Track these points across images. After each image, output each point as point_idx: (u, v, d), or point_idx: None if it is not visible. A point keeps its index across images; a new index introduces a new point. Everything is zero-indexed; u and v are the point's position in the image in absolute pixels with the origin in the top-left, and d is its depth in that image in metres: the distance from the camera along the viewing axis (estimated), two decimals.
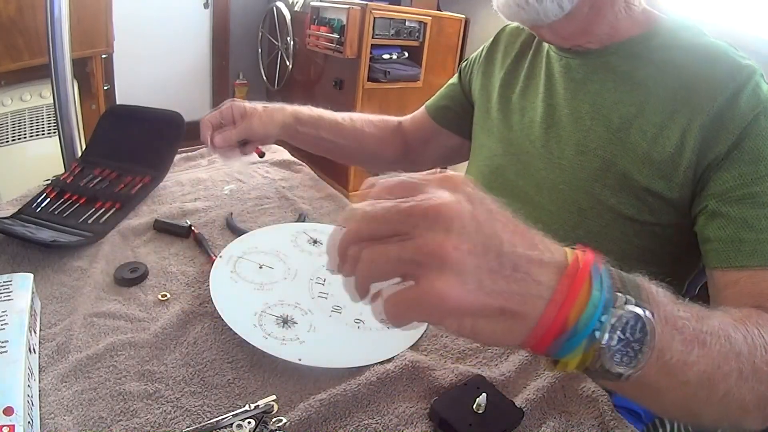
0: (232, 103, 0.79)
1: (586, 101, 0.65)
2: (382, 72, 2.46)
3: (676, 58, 0.60)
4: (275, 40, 2.93)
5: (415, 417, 0.44)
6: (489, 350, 0.54)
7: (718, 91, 0.55)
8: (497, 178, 0.74)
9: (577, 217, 0.63)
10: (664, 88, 0.59)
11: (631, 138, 0.60)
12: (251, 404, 0.43)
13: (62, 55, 0.90)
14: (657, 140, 0.58)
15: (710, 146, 0.55)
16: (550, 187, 0.66)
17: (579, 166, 0.64)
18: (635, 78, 0.62)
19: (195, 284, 0.59)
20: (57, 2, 0.86)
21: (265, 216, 0.76)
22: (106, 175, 0.79)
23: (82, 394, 0.43)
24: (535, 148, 0.69)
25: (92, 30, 1.83)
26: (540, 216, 0.66)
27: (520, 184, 0.70)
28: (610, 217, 0.62)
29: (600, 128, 0.63)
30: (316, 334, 0.51)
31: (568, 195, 0.64)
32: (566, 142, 0.66)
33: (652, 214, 0.60)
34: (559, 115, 0.67)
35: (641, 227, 0.61)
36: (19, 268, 0.58)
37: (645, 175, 0.59)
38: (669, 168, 0.58)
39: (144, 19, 2.61)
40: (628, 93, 0.62)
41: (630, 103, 0.61)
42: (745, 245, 0.52)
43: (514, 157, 0.72)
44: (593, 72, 0.65)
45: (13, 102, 1.63)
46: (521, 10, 0.60)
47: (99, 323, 0.51)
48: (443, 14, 2.63)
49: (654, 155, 0.58)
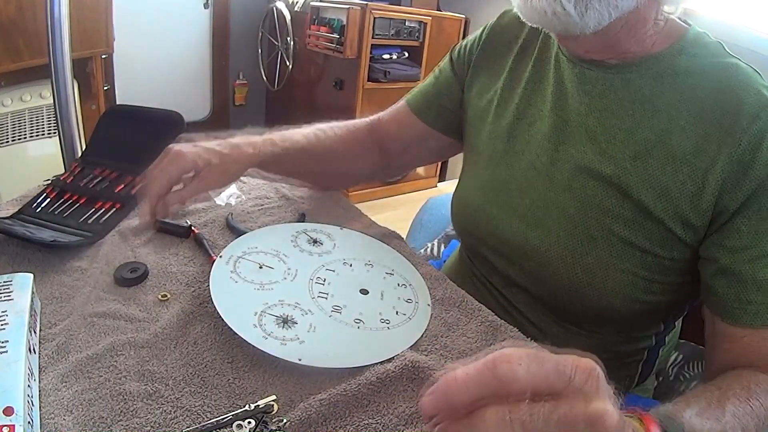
0: (178, 160, 0.62)
1: (603, 121, 0.59)
2: (382, 72, 2.47)
3: (700, 85, 0.56)
4: (275, 40, 2.93)
5: (415, 417, 0.44)
6: (489, 350, 0.54)
7: (742, 132, 0.52)
8: (499, 192, 0.68)
9: (587, 246, 0.59)
10: (686, 118, 0.55)
11: (650, 168, 0.56)
12: (251, 404, 0.43)
13: (62, 55, 0.90)
14: (677, 175, 0.55)
15: (729, 191, 0.53)
16: (558, 211, 0.62)
17: (592, 193, 0.59)
18: (657, 104, 0.57)
19: (195, 284, 0.59)
20: (57, 2, 0.86)
21: (265, 216, 0.76)
22: (106, 175, 0.79)
23: (82, 394, 0.43)
24: (542, 165, 0.64)
25: (92, 30, 1.83)
26: (547, 239, 0.62)
27: (526, 202, 0.65)
28: (620, 247, 0.58)
29: (617, 153, 0.58)
30: (316, 334, 0.51)
31: (578, 221, 0.60)
32: (578, 164, 0.61)
33: (664, 248, 0.57)
34: (570, 131, 0.62)
35: (652, 260, 0.58)
36: (19, 268, 0.58)
37: (661, 210, 0.56)
38: (688, 207, 0.54)
39: (144, 19, 2.61)
40: (649, 119, 0.57)
41: (650, 130, 0.57)
42: (752, 306, 0.52)
43: (518, 171, 0.66)
44: (611, 89, 0.59)
45: (13, 102, 1.63)
46: (555, 18, 0.53)
47: (99, 323, 0.51)
48: (443, 14, 2.64)
49: (673, 191, 0.55)
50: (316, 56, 2.69)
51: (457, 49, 0.80)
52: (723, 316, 0.55)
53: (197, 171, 0.63)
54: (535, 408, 0.27)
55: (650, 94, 0.57)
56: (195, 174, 0.63)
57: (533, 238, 0.63)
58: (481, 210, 0.70)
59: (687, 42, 0.58)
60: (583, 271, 0.60)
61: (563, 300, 0.63)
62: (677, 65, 0.57)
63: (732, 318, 0.53)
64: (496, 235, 0.68)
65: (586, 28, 0.53)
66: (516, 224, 0.65)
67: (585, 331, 0.67)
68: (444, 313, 0.58)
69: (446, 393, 0.28)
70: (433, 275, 0.65)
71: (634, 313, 0.61)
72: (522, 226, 0.65)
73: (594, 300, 0.61)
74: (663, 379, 0.79)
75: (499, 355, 0.28)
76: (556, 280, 0.62)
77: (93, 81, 1.92)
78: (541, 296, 0.66)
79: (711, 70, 0.56)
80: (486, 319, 0.58)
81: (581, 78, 0.62)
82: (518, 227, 0.65)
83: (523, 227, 0.65)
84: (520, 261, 0.66)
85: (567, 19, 0.52)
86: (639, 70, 0.58)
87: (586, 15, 0.52)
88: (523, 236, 0.64)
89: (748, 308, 0.52)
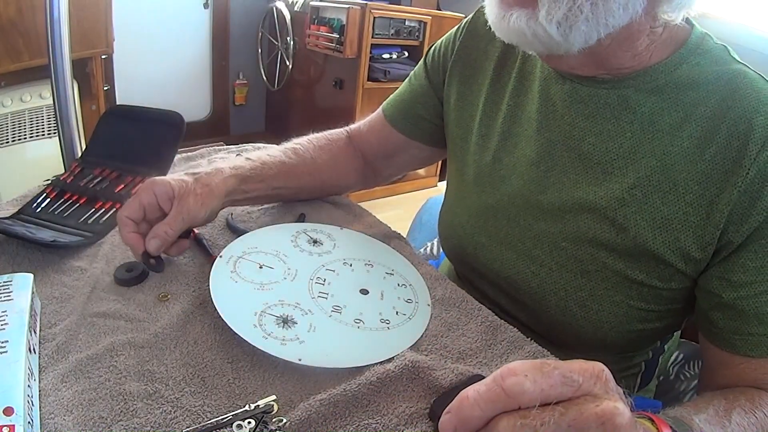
0: (152, 186, 0.57)
1: (598, 146, 0.54)
2: (382, 72, 2.47)
3: (705, 100, 0.50)
4: (275, 40, 2.93)
5: (415, 417, 0.44)
6: (489, 350, 0.54)
7: (751, 161, 0.47)
8: (488, 220, 0.63)
9: (581, 279, 0.56)
10: (690, 140, 0.50)
11: (649, 198, 0.51)
12: (251, 404, 0.43)
13: (62, 55, 0.90)
14: (679, 205, 0.50)
15: (735, 224, 0.48)
16: (550, 243, 0.58)
17: (585, 226, 0.55)
18: (658, 124, 0.51)
19: (195, 284, 0.59)
20: (57, 3, 0.86)
21: (265, 216, 0.76)
22: (106, 175, 0.79)
23: (82, 394, 0.43)
24: (530, 192, 0.59)
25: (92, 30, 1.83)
26: (538, 272, 0.59)
27: (516, 232, 0.60)
28: (616, 281, 0.55)
29: (613, 183, 0.53)
30: (316, 334, 0.51)
31: (570, 254, 0.56)
32: (570, 194, 0.56)
33: (662, 280, 0.53)
34: (559, 155, 0.57)
35: (648, 291, 0.54)
36: (19, 268, 0.58)
37: (660, 243, 0.51)
38: (689, 240, 0.50)
39: (144, 19, 2.61)
40: (649, 141, 0.52)
41: (651, 154, 0.51)
42: (753, 338, 0.50)
43: (505, 197, 0.61)
44: (607, 108, 0.53)
45: (13, 103, 1.63)
46: (536, 40, 0.48)
47: (99, 323, 0.51)
48: (443, 14, 2.64)
49: (674, 222, 0.50)
50: (316, 56, 2.69)
51: (431, 54, 0.73)
52: (721, 345, 0.52)
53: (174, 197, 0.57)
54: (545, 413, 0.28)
55: (650, 113, 0.52)
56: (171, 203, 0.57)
57: (524, 270, 0.60)
58: (470, 237, 0.66)
59: (689, 49, 0.52)
60: (577, 305, 0.57)
61: (557, 331, 0.61)
62: (679, 77, 0.51)
63: (731, 347, 0.51)
64: (486, 265, 0.65)
65: (570, 49, 0.48)
66: (506, 255, 0.62)
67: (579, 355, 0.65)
68: (444, 313, 0.58)
69: (460, 411, 0.30)
70: (433, 275, 0.65)
71: (629, 341, 0.59)
72: (512, 256, 0.61)
73: (589, 332, 0.58)
74: (664, 378, 0.79)
75: (506, 371, 0.30)
76: (549, 313, 0.60)
77: (93, 81, 1.92)
78: (533, 326, 0.64)
79: (716, 81, 0.51)
80: (486, 319, 0.58)
81: (572, 95, 0.55)
82: (508, 258, 0.62)
83: (513, 258, 0.61)
84: (512, 293, 0.63)
85: (549, 40, 0.47)
86: (636, 84, 0.52)
87: (570, 36, 0.46)
88: (513, 268, 0.61)
89: (749, 339, 0.50)
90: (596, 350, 0.61)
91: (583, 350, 0.62)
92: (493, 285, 0.66)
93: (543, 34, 0.46)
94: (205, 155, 0.97)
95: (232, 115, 3.24)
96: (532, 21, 0.46)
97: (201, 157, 0.96)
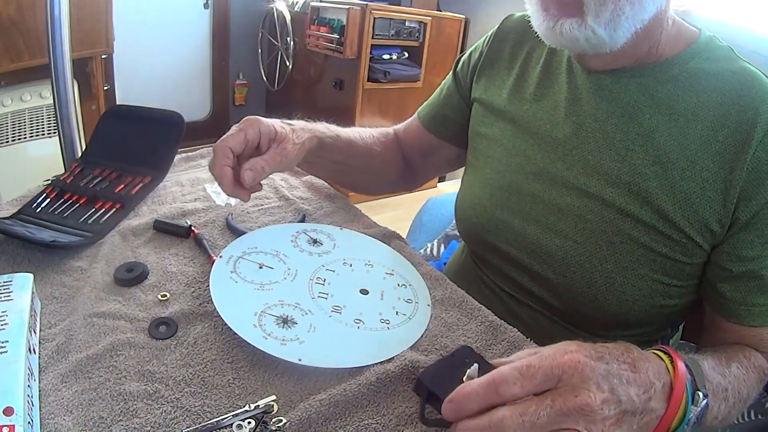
0: (258, 123, 0.59)
1: (621, 126, 0.59)
2: (382, 72, 2.47)
3: (717, 88, 0.56)
4: (275, 41, 2.93)
5: (414, 417, 0.44)
6: (489, 350, 0.54)
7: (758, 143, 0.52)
8: (510, 197, 0.66)
9: (606, 251, 0.59)
10: (704, 123, 0.55)
11: (669, 174, 0.55)
12: (251, 404, 0.43)
13: (62, 55, 0.90)
14: (697, 181, 0.54)
15: (744, 201, 0.53)
16: (575, 216, 0.61)
17: (610, 198, 0.58)
18: (675, 107, 0.56)
19: (195, 284, 0.59)
20: (57, 2, 0.86)
21: (265, 216, 0.76)
22: (106, 175, 0.79)
23: (82, 394, 0.43)
24: (556, 170, 0.62)
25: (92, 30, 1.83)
26: (563, 245, 0.61)
27: (539, 208, 0.64)
28: (640, 253, 0.57)
29: (635, 159, 0.57)
30: (315, 334, 0.51)
31: (596, 226, 0.59)
32: (595, 169, 0.60)
33: (684, 254, 0.57)
34: (586, 136, 0.61)
35: (672, 265, 0.58)
36: (19, 268, 0.58)
37: (681, 216, 0.55)
38: (708, 213, 0.54)
39: (144, 19, 2.62)
40: (666, 123, 0.56)
41: (668, 135, 0.56)
42: (757, 308, 0.55)
43: (530, 175, 0.65)
44: (628, 93, 0.59)
45: (13, 102, 1.63)
46: (587, 43, 0.53)
47: (99, 323, 0.51)
48: (443, 14, 2.64)
49: (693, 197, 0.55)
50: (316, 56, 2.69)
51: (461, 61, 0.80)
52: (726, 316, 0.57)
53: (275, 139, 0.60)
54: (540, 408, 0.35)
55: (667, 98, 0.57)
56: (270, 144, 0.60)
57: (549, 243, 0.62)
58: (491, 215, 0.68)
59: (699, 46, 0.58)
60: (602, 277, 0.59)
61: (580, 306, 0.62)
62: (692, 68, 0.57)
63: (736, 318, 0.56)
64: (508, 242, 0.66)
65: (615, 46, 0.54)
66: (530, 230, 0.64)
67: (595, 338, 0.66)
68: (444, 313, 0.58)
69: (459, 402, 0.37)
70: (433, 275, 0.65)
71: (650, 318, 0.61)
72: (536, 231, 0.64)
73: (613, 306, 0.60)
74: None
75: (498, 377, 0.36)
76: (574, 287, 0.61)
77: (93, 81, 1.93)
78: (555, 303, 0.65)
79: (725, 74, 0.56)
80: (486, 319, 0.58)
81: (597, 84, 0.61)
82: (532, 233, 0.64)
83: (537, 232, 0.63)
84: (535, 268, 0.65)
85: (598, 41, 0.53)
86: (654, 74, 0.58)
87: (615, 34, 0.52)
88: (537, 242, 0.63)
89: (752, 310, 0.55)
90: (616, 328, 0.64)
91: (604, 327, 0.64)
92: (514, 263, 0.67)
93: (593, 36, 0.52)
94: (205, 155, 0.97)
95: (232, 115, 3.24)
96: (583, 27, 0.52)
97: (201, 157, 0.96)
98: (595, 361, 0.38)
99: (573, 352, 0.38)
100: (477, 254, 0.76)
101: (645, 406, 0.38)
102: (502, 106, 0.70)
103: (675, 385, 0.40)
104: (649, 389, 0.39)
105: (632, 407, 0.37)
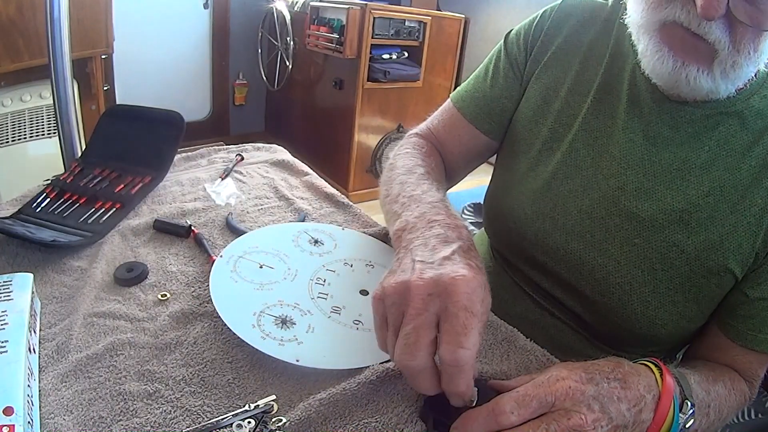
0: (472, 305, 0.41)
1: (679, 154, 0.57)
2: (382, 72, 2.46)
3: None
4: (275, 40, 2.93)
5: (414, 416, 0.45)
6: (489, 350, 0.54)
7: None
8: (554, 207, 0.63)
9: (647, 276, 0.58)
10: (757, 159, 0.54)
11: (720, 206, 0.55)
12: (251, 404, 0.43)
13: (62, 55, 0.90)
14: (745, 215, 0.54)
15: None
16: (623, 238, 0.59)
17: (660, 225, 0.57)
18: (732, 143, 0.55)
19: (195, 284, 0.59)
20: (57, 2, 0.86)
21: (265, 216, 0.76)
22: (106, 175, 0.79)
23: (82, 394, 0.43)
24: (608, 187, 0.60)
25: (92, 30, 1.83)
26: (606, 265, 0.60)
27: (586, 224, 0.61)
28: (679, 282, 0.57)
29: (690, 188, 0.56)
30: (314, 334, 0.51)
31: (642, 251, 0.58)
32: (648, 194, 0.58)
33: (719, 285, 0.57)
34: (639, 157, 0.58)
35: (705, 294, 0.57)
36: (19, 268, 0.58)
37: (726, 249, 0.55)
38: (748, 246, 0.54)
39: (144, 19, 2.61)
40: (723, 157, 0.55)
41: (725, 168, 0.55)
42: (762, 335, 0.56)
43: (578, 187, 0.62)
44: (690, 123, 0.56)
45: (13, 102, 1.63)
46: (707, 92, 0.51)
47: (99, 323, 0.51)
48: (443, 14, 2.64)
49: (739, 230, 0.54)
50: (316, 56, 2.69)
51: (513, 41, 0.71)
52: (733, 337, 0.57)
53: None
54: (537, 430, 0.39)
55: (726, 133, 0.55)
56: None
57: (591, 261, 0.61)
58: (531, 222, 0.65)
59: (758, 82, 0.56)
60: (638, 301, 0.59)
61: (610, 324, 0.62)
62: (751, 105, 0.55)
63: (742, 340, 0.57)
64: (546, 253, 0.64)
65: (720, 96, 0.52)
66: (572, 245, 0.62)
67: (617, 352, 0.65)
68: None
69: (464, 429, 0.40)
70: None
71: (672, 338, 0.62)
72: (579, 247, 0.62)
73: (643, 328, 0.60)
74: None
75: (495, 407, 0.40)
76: (609, 306, 0.60)
77: (93, 81, 1.92)
78: (586, 317, 0.64)
79: None
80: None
81: (660, 105, 0.58)
82: (574, 248, 0.62)
83: (580, 248, 0.62)
84: (572, 283, 0.63)
85: (715, 92, 0.51)
86: (717, 107, 0.55)
87: (730, 87, 0.51)
88: (579, 258, 0.62)
89: (759, 336, 0.56)
90: (640, 345, 0.64)
91: (629, 344, 0.64)
92: (549, 274, 0.66)
93: (713, 87, 0.50)
94: (204, 155, 0.97)
95: (232, 115, 3.24)
96: (710, 78, 0.50)
97: (201, 157, 0.96)
98: (584, 384, 0.41)
99: (564, 378, 0.41)
100: (504, 257, 0.73)
101: (636, 419, 0.42)
102: (559, 106, 0.65)
103: (662, 394, 0.44)
104: (639, 402, 0.42)
105: (623, 422, 0.41)
